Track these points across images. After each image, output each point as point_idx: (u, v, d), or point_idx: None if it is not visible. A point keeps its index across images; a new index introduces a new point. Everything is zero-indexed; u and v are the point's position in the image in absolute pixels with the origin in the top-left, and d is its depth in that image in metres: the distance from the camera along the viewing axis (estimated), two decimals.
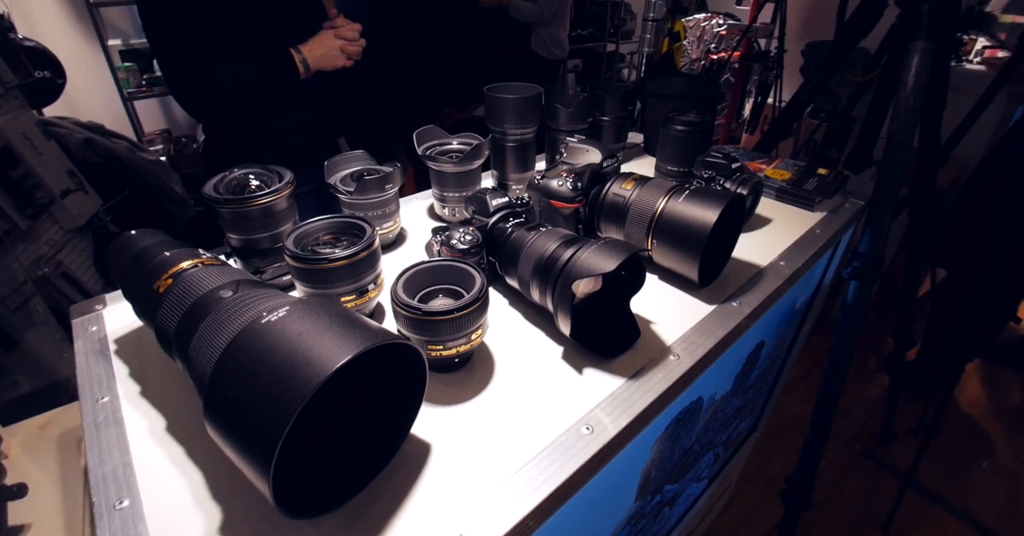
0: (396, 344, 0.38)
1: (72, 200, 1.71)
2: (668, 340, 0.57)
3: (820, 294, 1.03)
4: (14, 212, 1.44)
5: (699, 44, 2.88)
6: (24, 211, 1.48)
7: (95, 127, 1.89)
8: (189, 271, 0.48)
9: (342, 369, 0.34)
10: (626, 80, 3.19)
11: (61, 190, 1.66)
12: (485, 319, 0.51)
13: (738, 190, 0.75)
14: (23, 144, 1.51)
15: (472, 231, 0.60)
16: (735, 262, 0.71)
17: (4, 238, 1.41)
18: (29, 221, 1.50)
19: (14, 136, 1.48)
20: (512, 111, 0.81)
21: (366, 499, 0.42)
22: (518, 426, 0.48)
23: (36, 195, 1.54)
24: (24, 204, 1.49)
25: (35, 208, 1.54)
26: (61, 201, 1.65)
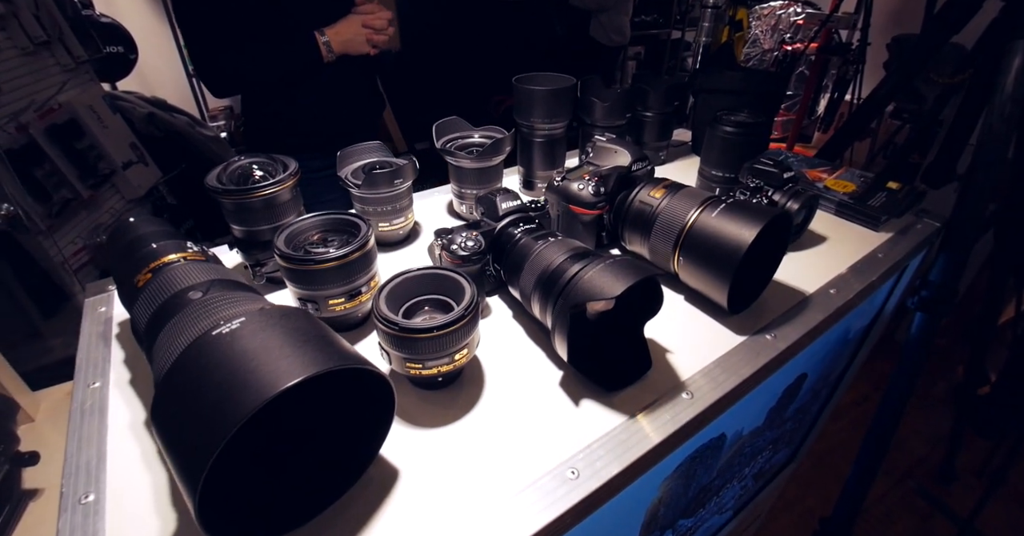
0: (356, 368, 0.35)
1: (133, 172, 1.80)
2: (684, 374, 0.51)
3: (880, 321, 0.92)
4: (77, 182, 1.53)
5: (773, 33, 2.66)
6: (87, 181, 1.57)
7: (158, 102, 1.97)
8: (169, 266, 0.47)
9: (283, 395, 0.31)
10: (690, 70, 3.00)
11: (123, 162, 1.74)
12: (473, 337, 0.46)
13: (788, 204, 0.66)
14: (89, 116, 1.59)
15: (475, 236, 0.55)
16: (776, 286, 0.63)
17: (67, 206, 1.49)
18: (91, 190, 1.59)
19: (81, 109, 1.56)
20: (541, 104, 0.75)
21: (320, 525, 0.39)
22: (497, 460, 0.43)
23: (99, 166, 1.62)
24: (87, 174, 1.57)
25: (97, 178, 1.62)
26: (123, 172, 1.74)
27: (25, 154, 1.35)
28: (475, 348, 0.48)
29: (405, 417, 0.47)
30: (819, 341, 0.70)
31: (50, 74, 1.49)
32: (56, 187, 1.46)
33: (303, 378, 0.31)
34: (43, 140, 1.41)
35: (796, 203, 0.66)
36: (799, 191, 0.67)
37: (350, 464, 0.41)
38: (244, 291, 0.45)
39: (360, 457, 0.41)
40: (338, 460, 0.41)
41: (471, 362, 0.53)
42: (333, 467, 0.41)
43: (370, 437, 0.41)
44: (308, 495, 0.40)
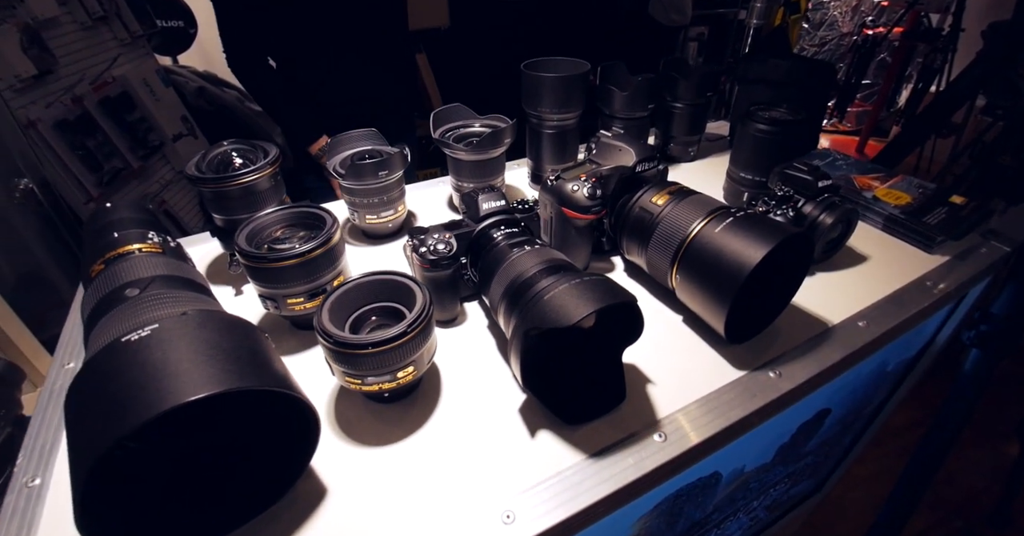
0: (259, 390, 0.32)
1: (183, 144, 1.87)
2: (663, 411, 0.45)
3: (930, 353, 0.80)
4: (128, 152, 1.60)
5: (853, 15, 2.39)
6: (137, 152, 1.64)
7: (209, 77, 2.03)
8: (123, 258, 0.45)
9: (176, 411, 0.28)
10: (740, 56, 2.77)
11: (173, 134, 1.81)
12: (422, 354, 0.42)
13: (820, 217, 0.57)
14: (142, 89, 1.66)
15: (448, 239, 0.51)
16: (795, 313, 0.55)
17: (117, 175, 1.57)
18: (141, 161, 1.66)
19: (135, 82, 1.63)
20: (550, 92, 0.69)
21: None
22: (431, 491, 0.39)
23: (149, 137, 1.70)
24: (138, 145, 1.64)
25: (147, 149, 1.69)
26: (172, 144, 1.81)
27: (79, 125, 1.43)
28: (425, 364, 0.44)
29: (348, 430, 0.44)
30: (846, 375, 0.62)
31: (106, 48, 1.55)
32: (107, 157, 1.53)
33: (197, 397, 0.29)
34: (96, 112, 1.48)
35: (830, 216, 0.57)
36: (835, 203, 0.58)
37: (276, 479, 0.39)
38: (184, 290, 0.43)
39: (287, 473, 0.39)
40: (264, 474, 0.39)
41: (432, 374, 0.49)
42: (259, 481, 0.39)
43: (298, 453, 0.39)
44: (232, 508, 0.38)
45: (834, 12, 2.55)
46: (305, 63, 1.10)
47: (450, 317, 0.55)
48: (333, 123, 1.16)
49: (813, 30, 2.81)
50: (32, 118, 1.29)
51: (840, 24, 2.56)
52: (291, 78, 1.12)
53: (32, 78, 1.26)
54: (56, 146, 1.36)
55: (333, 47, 1.08)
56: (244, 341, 0.37)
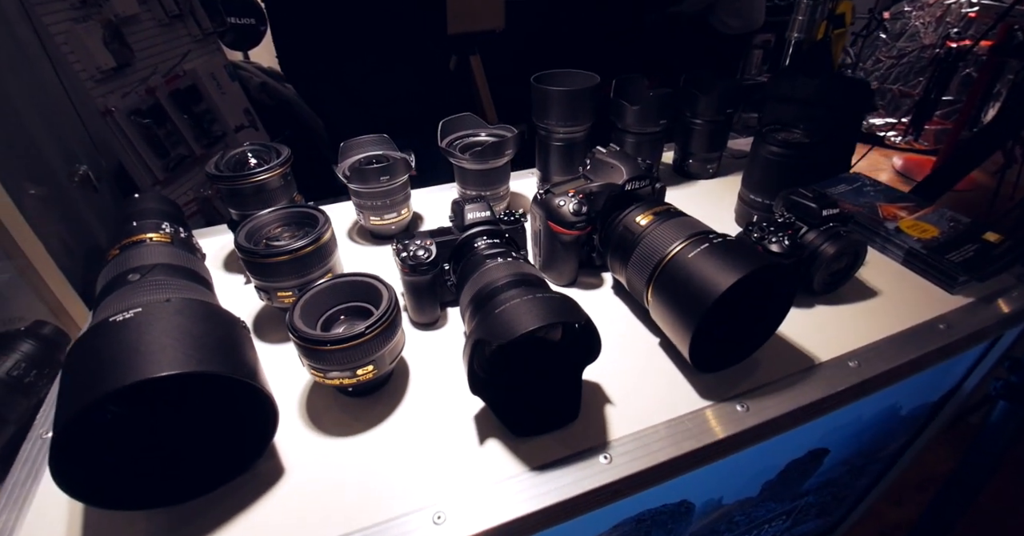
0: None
1: (244, 134, 2.00)
2: (615, 433, 0.45)
3: (956, 400, 0.74)
4: (193, 141, 1.73)
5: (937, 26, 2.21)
6: (201, 140, 1.78)
7: (272, 73, 2.16)
8: (135, 245, 0.50)
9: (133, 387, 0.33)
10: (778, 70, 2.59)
11: (236, 125, 1.94)
12: (383, 354, 0.44)
13: (822, 247, 0.55)
14: (210, 83, 1.79)
15: (429, 246, 0.52)
16: (782, 345, 0.53)
17: (182, 161, 1.71)
18: (204, 149, 1.80)
19: (203, 76, 1.76)
20: (557, 105, 0.69)
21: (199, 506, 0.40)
22: (375, 483, 0.41)
23: (213, 128, 1.83)
24: (202, 135, 1.78)
25: (211, 139, 1.83)
26: (234, 134, 1.94)
27: (151, 114, 1.56)
28: (388, 364, 0.46)
29: (314, 418, 0.47)
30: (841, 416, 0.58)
31: (179, 44, 1.68)
32: (174, 144, 1.67)
33: (139, 379, 0.33)
34: (167, 103, 1.62)
35: (833, 247, 0.54)
36: (840, 233, 0.55)
37: (238, 456, 0.42)
38: (180, 278, 0.47)
39: (248, 452, 0.42)
40: (227, 451, 0.42)
41: (403, 373, 0.51)
42: (222, 457, 0.42)
43: (259, 435, 0.42)
44: (195, 478, 0.41)
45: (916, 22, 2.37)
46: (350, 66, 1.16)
47: (430, 320, 0.57)
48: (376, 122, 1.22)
49: (891, 41, 2.63)
50: (109, 106, 1.42)
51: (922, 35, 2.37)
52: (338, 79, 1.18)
53: (111, 70, 1.39)
54: (129, 133, 1.49)
55: (374, 53, 1.13)
56: (215, 330, 0.40)
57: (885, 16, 2.55)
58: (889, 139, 2.89)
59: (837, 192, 0.73)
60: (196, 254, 0.56)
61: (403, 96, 1.18)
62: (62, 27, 1.24)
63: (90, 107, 1.38)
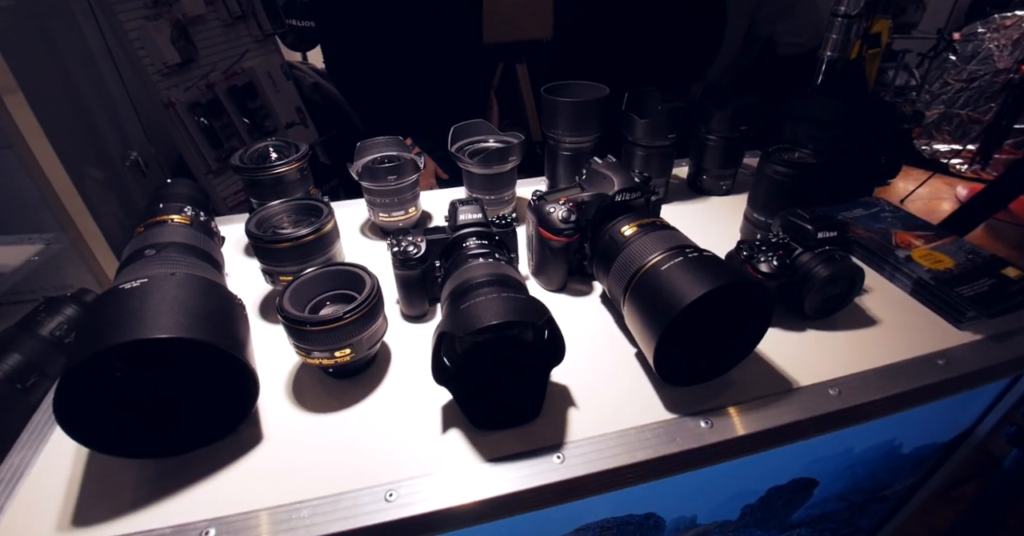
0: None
1: (294, 131, 2.11)
2: (573, 435, 0.45)
3: (969, 443, 0.70)
4: (245, 134, 1.85)
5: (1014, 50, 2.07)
6: (253, 134, 1.89)
7: (323, 73, 2.27)
8: (158, 225, 0.55)
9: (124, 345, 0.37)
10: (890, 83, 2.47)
11: (287, 122, 2.06)
12: (360, 339, 0.47)
13: (815, 269, 0.54)
14: (266, 81, 1.91)
15: (419, 242, 0.55)
16: (763, 365, 0.52)
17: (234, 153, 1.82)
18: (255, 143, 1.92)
19: (260, 74, 1.88)
20: (565, 116, 0.71)
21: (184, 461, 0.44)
22: (337, 460, 0.44)
23: (265, 123, 1.94)
24: (254, 129, 1.89)
25: (262, 133, 1.94)
26: (285, 130, 2.06)
27: (209, 108, 1.68)
28: (365, 349, 0.49)
29: (297, 393, 0.51)
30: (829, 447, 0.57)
31: (240, 43, 1.81)
32: (228, 137, 1.79)
33: (129, 339, 0.37)
34: (224, 98, 1.74)
35: (826, 270, 0.53)
36: (834, 257, 0.54)
37: (223, 420, 0.46)
38: (190, 256, 0.52)
39: (232, 417, 0.46)
40: (213, 415, 0.46)
41: (385, 360, 0.54)
42: (208, 419, 0.46)
43: (242, 402, 0.45)
44: (182, 436, 0.45)
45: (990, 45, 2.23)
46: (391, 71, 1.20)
47: (418, 313, 0.59)
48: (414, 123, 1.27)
49: (961, 63, 2.48)
50: (172, 99, 1.54)
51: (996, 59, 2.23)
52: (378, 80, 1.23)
53: (176, 65, 1.51)
54: (188, 124, 1.61)
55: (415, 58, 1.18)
56: (209, 303, 0.44)
57: (955, 37, 2.41)
58: (954, 167, 2.72)
59: (851, 215, 0.70)
60: (213, 237, 0.61)
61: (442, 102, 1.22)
62: (135, 24, 1.36)
63: (154, 99, 1.51)
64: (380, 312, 0.49)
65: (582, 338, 0.56)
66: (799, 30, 1.64)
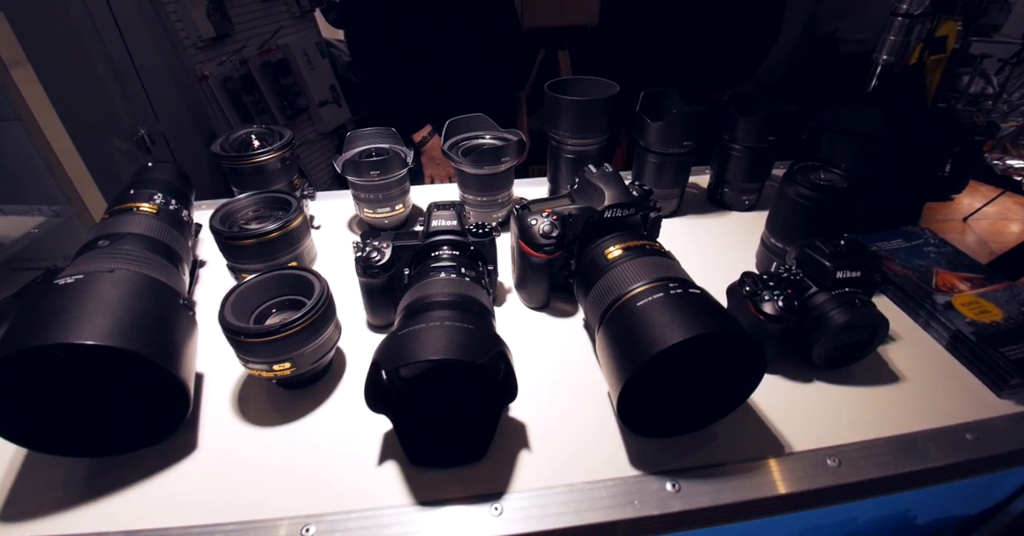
0: None
1: (327, 110, 2.11)
2: (518, 484, 0.41)
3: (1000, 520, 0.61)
4: (277, 111, 1.85)
5: None
6: (285, 111, 1.89)
7: None
8: (122, 212, 0.53)
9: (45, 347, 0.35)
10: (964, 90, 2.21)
11: (320, 100, 2.05)
12: (302, 353, 0.44)
13: (830, 314, 0.46)
14: (300, 58, 1.90)
15: (384, 248, 0.51)
16: (754, 421, 0.46)
17: None
18: (287, 119, 1.92)
19: (296, 51, 1.87)
20: (568, 115, 0.64)
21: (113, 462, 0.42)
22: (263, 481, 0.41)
23: (297, 101, 1.94)
24: (286, 106, 1.89)
25: (294, 110, 1.94)
26: (317, 109, 2.06)
27: (241, 83, 1.69)
28: (308, 364, 0.45)
29: (242, 402, 0.48)
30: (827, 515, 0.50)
31: (276, 19, 1.80)
32: (259, 112, 1.79)
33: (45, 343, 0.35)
34: (257, 73, 1.74)
35: (842, 316, 0.46)
36: (855, 302, 0.46)
37: (158, 425, 0.43)
38: (143, 249, 0.49)
39: (168, 422, 0.43)
40: (148, 418, 0.43)
41: (339, 373, 0.51)
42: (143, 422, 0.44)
43: (176, 409, 0.43)
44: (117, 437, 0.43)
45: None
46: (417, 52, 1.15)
47: (384, 323, 0.56)
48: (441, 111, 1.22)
49: None
50: (205, 73, 1.55)
51: None
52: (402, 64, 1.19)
53: (211, 39, 1.52)
54: (220, 98, 1.62)
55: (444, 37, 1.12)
56: (142, 305, 0.42)
57: None
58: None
59: (888, 247, 0.61)
60: (182, 227, 0.58)
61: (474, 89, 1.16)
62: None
63: (188, 72, 1.52)
64: (328, 324, 0.45)
65: (552, 368, 0.51)
66: (865, 25, 1.47)
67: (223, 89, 1.63)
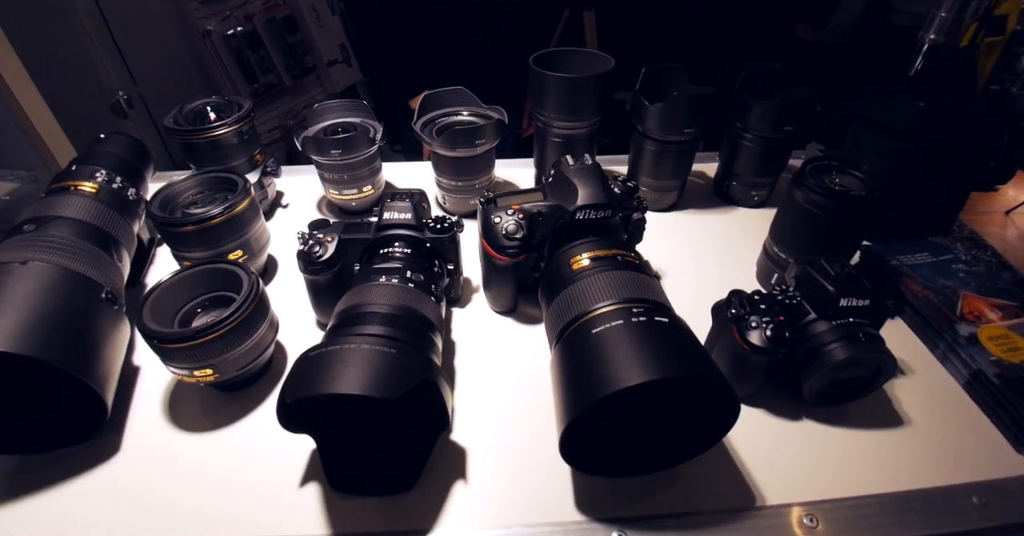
0: None
1: (336, 70, 2.02)
2: (446, 522, 0.37)
3: None
4: (283, 69, 1.78)
5: None
6: (292, 70, 1.82)
7: None
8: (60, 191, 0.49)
9: None
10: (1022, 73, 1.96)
11: (329, 59, 1.97)
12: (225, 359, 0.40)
13: (829, 348, 0.40)
14: (309, 14, 1.81)
15: (329, 242, 0.45)
16: (721, 464, 0.40)
17: (271, 89, 1.77)
18: (293, 79, 1.85)
19: (304, 6, 1.78)
20: (555, 94, 0.56)
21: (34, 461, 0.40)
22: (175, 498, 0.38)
23: (304, 59, 1.86)
24: (293, 65, 1.82)
25: (301, 70, 1.87)
26: (326, 69, 1.97)
27: (245, 39, 1.62)
28: (234, 370, 0.41)
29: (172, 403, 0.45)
30: None
31: None
32: (265, 71, 1.73)
33: None
34: (263, 30, 1.66)
35: (843, 353, 0.39)
36: (859, 337, 0.39)
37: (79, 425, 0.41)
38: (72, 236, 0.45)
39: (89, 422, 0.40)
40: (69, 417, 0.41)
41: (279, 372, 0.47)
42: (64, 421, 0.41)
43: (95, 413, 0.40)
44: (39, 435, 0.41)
45: None
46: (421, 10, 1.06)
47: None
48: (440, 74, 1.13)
49: None
50: (208, 28, 1.49)
51: None
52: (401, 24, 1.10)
53: None
54: (223, 55, 1.56)
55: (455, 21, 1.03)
56: (55, 302, 0.38)
57: None
58: None
59: (912, 261, 0.53)
60: (126, 209, 0.53)
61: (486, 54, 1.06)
62: None
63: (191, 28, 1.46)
64: (258, 325, 0.41)
65: (507, 385, 0.46)
66: None
67: (226, 46, 1.56)
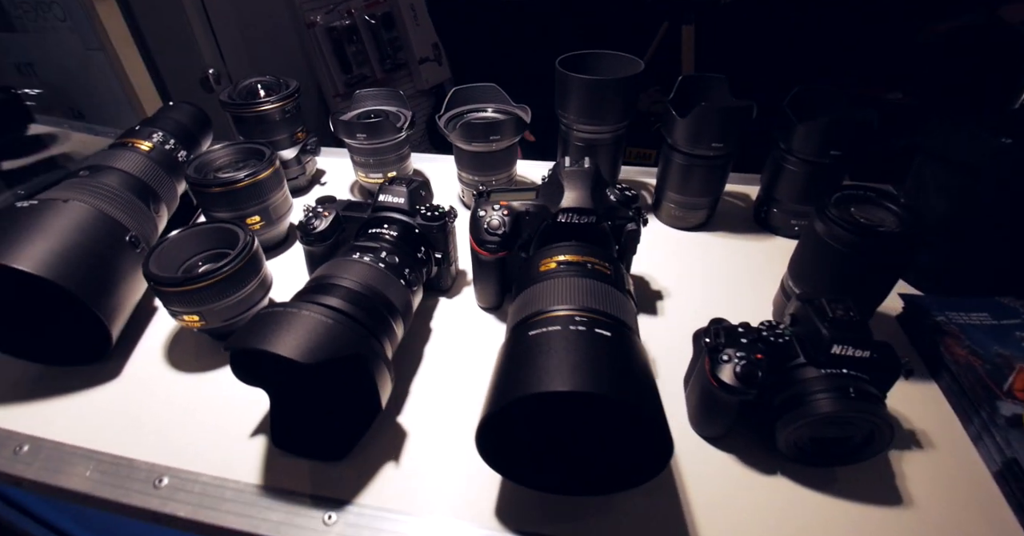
0: None
1: (427, 67, 2.12)
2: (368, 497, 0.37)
3: None
4: (376, 63, 1.90)
5: None
6: (384, 65, 1.94)
7: None
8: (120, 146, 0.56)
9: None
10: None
11: (421, 57, 2.07)
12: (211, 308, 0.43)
13: (813, 398, 0.35)
14: (407, 13, 1.91)
15: (326, 215, 0.48)
16: (668, 507, 0.37)
17: (363, 80, 1.89)
18: (385, 73, 1.96)
19: (403, 5, 1.88)
20: (578, 97, 0.55)
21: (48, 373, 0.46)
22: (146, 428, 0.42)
23: (398, 55, 1.97)
24: (386, 60, 1.93)
25: (393, 65, 1.98)
26: (417, 66, 2.08)
27: (345, 33, 1.74)
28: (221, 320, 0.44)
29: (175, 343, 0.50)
30: None
31: None
32: (359, 64, 1.85)
33: None
34: (362, 25, 1.78)
35: (828, 405, 0.34)
36: (849, 392, 0.34)
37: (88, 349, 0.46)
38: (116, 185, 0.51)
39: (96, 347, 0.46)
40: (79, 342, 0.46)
41: None
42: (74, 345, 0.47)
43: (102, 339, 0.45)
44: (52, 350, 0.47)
45: None
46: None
47: None
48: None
49: None
50: (313, 20, 1.62)
51: None
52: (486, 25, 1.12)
53: None
54: (323, 45, 1.69)
55: None
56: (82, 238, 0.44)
57: None
58: None
59: (963, 320, 0.46)
60: (174, 169, 0.59)
61: None
62: None
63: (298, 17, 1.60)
64: (246, 283, 0.44)
65: (472, 382, 0.45)
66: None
67: (328, 37, 1.69)
